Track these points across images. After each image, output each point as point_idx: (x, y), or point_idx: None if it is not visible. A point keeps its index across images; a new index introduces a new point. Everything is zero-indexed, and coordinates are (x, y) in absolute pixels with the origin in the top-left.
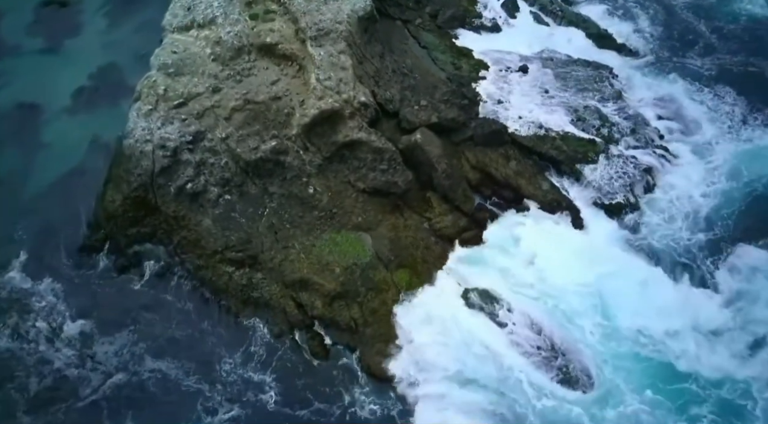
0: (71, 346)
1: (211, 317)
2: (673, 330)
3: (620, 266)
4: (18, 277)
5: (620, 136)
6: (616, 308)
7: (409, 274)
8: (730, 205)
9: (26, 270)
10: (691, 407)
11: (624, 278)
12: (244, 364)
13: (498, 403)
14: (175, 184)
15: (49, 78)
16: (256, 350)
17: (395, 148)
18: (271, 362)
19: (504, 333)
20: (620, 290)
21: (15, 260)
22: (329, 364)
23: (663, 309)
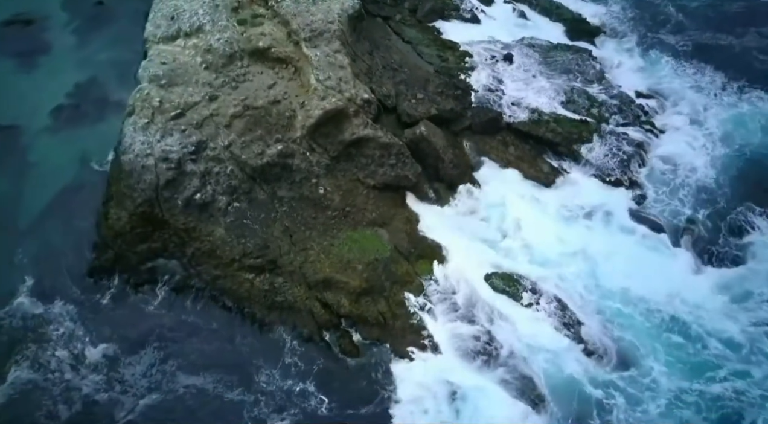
0: (97, 371)
1: (237, 325)
2: (682, 296)
3: (627, 238)
4: (27, 302)
5: (609, 115)
6: (629, 277)
7: (430, 263)
8: (725, 170)
9: (35, 295)
10: (707, 370)
11: (633, 249)
12: (281, 370)
13: (530, 376)
14: (182, 196)
15: (23, 98)
16: (289, 354)
17: (402, 142)
18: (308, 366)
19: (530, 312)
20: (629, 260)
21: (21, 286)
22: (363, 361)
23: (669, 276)
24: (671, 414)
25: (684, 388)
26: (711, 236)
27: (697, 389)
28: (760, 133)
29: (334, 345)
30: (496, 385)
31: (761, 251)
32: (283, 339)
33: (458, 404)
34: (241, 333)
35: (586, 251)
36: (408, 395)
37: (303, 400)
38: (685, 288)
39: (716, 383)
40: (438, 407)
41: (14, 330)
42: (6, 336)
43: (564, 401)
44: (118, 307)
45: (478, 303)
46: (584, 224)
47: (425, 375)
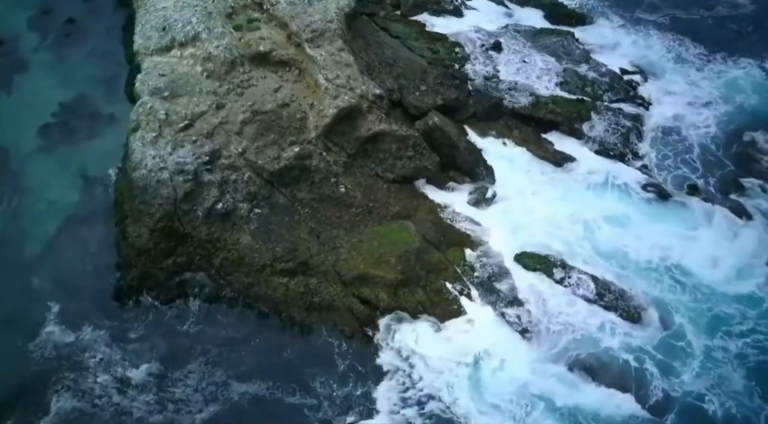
0: (146, 391)
1: (278, 330)
2: (697, 256)
3: (640, 206)
4: (57, 331)
5: (602, 93)
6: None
7: (461, 250)
8: (722, 134)
9: (63, 323)
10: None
11: (645, 216)
12: (329, 368)
13: (573, 348)
14: (202, 207)
15: (5, 120)
16: (334, 352)
17: (417, 134)
18: (354, 362)
19: (563, 287)
20: (643, 226)
21: (47, 314)
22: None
23: (681, 239)
24: (706, 371)
25: (712, 345)
26: (714, 198)
27: (722, 346)
28: (755, 95)
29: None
30: (542, 361)
31: (762, 209)
32: (326, 339)
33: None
34: (283, 337)
35: (603, 222)
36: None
37: (363, 400)
38: (698, 249)
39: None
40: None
41: (48, 360)
42: (40, 367)
43: (607, 369)
44: (152, 325)
45: (514, 283)
46: (599, 197)
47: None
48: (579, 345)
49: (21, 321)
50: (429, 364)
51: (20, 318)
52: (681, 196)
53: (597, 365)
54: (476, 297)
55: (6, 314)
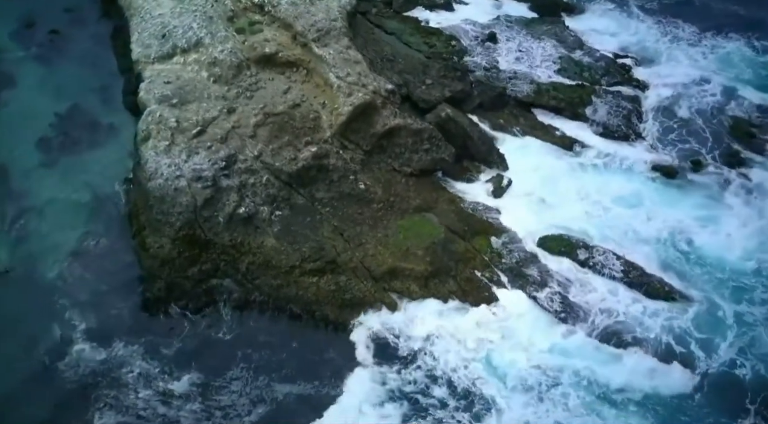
0: (191, 400)
1: (312, 328)
2: (710, 228)
3: (650, 184)
4: (87, 348)
5: (599, 77)
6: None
7: (486, 238)
8: (719, 109)
9: (92, 341)
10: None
11: (657, 192)
12: (376, 363)
13: (610, 326)
14: (223, 212)
15: (1, 136)
16: (373, 347)
17: (432, 126)
18: (400, 356)
19: (588, 267)
20: (656, 202)
21: (74, 333)
22: None
23: (695, 212)
24: (737, 337)
25: (740, 311)
26: (718, 172)
27: (749, 311)
28: (748, 70)
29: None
30: (583, 339)
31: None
32: (362, 334)
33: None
34: (318, 336)
35: (617, 202)
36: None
37: (420, 393)
38: (711, 223)
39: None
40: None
41: (83, 379)
42: (75, 385)
43: (641, 342)
44: (186, 335)
45: (541, 267)
46: (610, 178)
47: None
48: (610, 321)
49: (47, 342)
50: (463, 347)
51: (46, 339)
52: (687, 172)
53: (631, 340)
54: (506, 283)
55: (31, 335)
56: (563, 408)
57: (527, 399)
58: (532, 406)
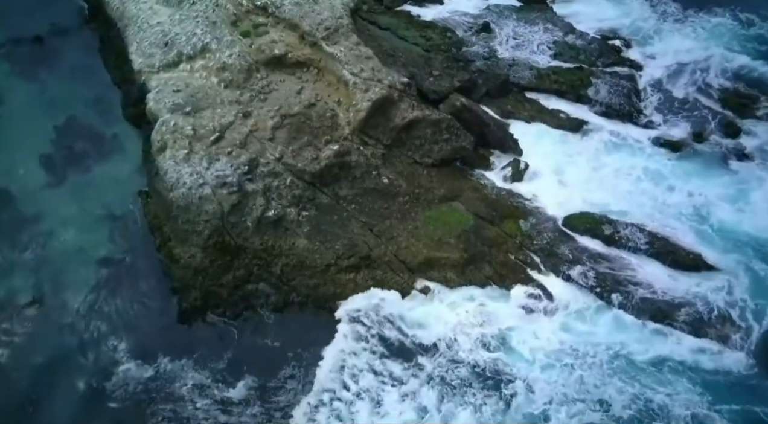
0: (250, 405)
1: None
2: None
3: (658, 159)
4: (133, 367)
5: (595, 59)
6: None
7: (515, 222)
8: (714, 81)
9: (136, 358)
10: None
11: (665, 166)
12: (427, 353)
13: (645, 296)
14: (251, 217)
15: (2, 157)
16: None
17: (450, 116)
18: (436, 343)
19: (615, 242)
20: (665, 176)
21: (115, 354)
22: None
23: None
24: None
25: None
26: (718, 142)
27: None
28: (734, 43)
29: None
30: (617, 313)
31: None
32: None
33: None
34: None
35: (630, 178)
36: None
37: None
38: (722, 191)
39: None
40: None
41: (134, 396)
42: (128, 403)
43: (677, 314)
44: (230, 342)
45: (571, 245)
46: (619, 156)
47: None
48: (643, 294)
49: (90, 366)
50: (504, 327)
51: (88, 363)
52: (691, 144)
53: (664, 310)
54: (540, 263)
55: (72, 362)
56: (599, 380)
57: (564, 373)
58: (566, 379)
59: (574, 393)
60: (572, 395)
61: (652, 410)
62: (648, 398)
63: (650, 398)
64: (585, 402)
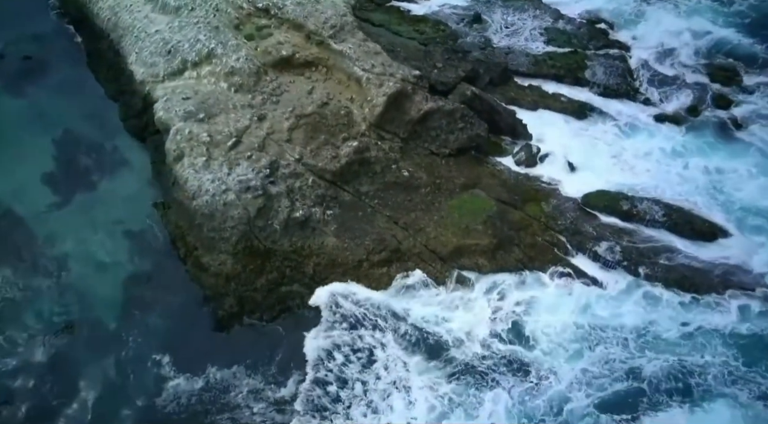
0: (306, 402)
1: None
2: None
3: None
4: (181, 381)
5: (586, 42)
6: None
7: (537, 204)
8: (697, 59)
9: (183, 372)
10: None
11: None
12: (459, 342)
13: (667, 264)
14: (278, 219)
15: (4, 178)
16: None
17: (463, 105)
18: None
19: (633, 215)
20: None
21: (160, 370)
22: None
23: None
24: None
25: None
26: (714, 114)
27: None
28: (719, 19)
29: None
30: (650, 285)
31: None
32: None
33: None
34: None
35: (639, 156)
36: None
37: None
38: (730, 161)
39: None
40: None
41: (189, 408)
42: (184, 416)
43: (699, 283)
44: (273, 345)
45: (593, 222)
46: (625, 135)
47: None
48: (667, 265)
49: (138, 386)
50: (535, 309)
51: (135, 383)
52: (688, 119)
53: (693, 279)
54: (566, 243)
55: (118, 384)
56: (630, 352)
57: (596, 348)
58: (598, 354)
59: (604, 368)
60: (601, 371)
61: (687, 375)
62: (682, 366)
63: (683, 366)
64: (616, 375)
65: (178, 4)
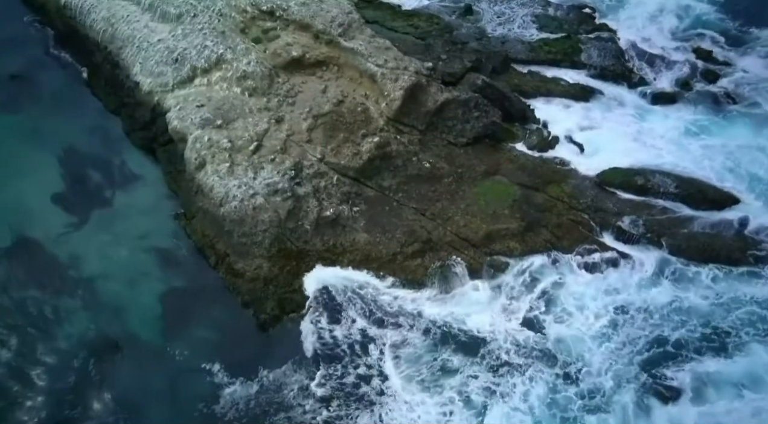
0: (352, 397)
1: None
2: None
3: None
4: (237, 387)
5: (577, 27)
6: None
7: (558, 185)
8: (682, 39)
9: (235, 377)
10: None
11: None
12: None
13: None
14: (308, 219)
15: (13, 205)
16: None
17: (477, 94)
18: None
19: (648, 189)
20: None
21: (212, 378)
22: None
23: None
24: None
25: None
26: (706, 88)
27: None
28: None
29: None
30: (673, 257)
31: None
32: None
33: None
34: None
35: (645, 133)
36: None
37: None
38: (725, 127)
39: None
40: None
41: (248, 413)
42: (244, 420)
43: (719, 250)
44: (317, 339)
45: (614, 198)
46: (629, 113)
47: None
48: (687, 234)
49: (193, 395)
50: (565, 287)
51: (192, 393)
52: (683, 94)
53: (713, 246)
54: (590, 220)
55: (176, 395)
56: (660, 325)
57: (627, 323)
58: (628, 328)
59: (635, 344)
60: (632, 348)
61: (720, 335)
62: (714, 330)
63: (715, 330)
64: (647, 348)
65: (179, 11)
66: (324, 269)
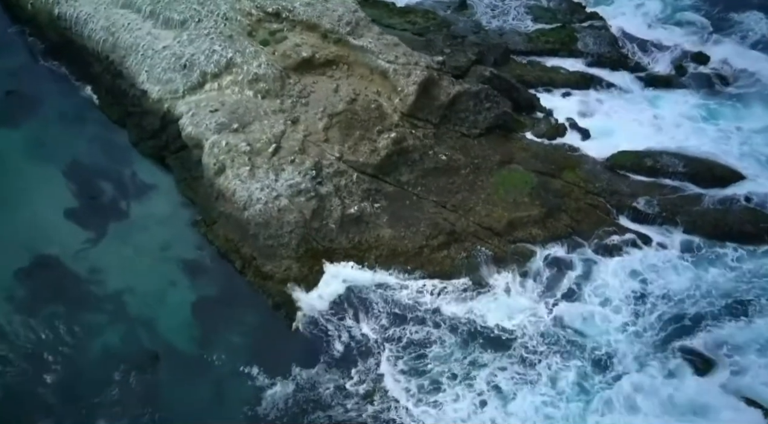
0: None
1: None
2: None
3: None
4: (278, 388)
5: (570, 16)
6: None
7: (573, 171)
8: (669, 25)
9: (275, 378)
10: None
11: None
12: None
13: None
14: (332, 218)
15: (24, 220)
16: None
17: (487, 85)
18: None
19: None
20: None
21: (252, 381)
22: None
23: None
24: None
25: None
26: (700, 70)
27: None
28: None
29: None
30: (689, 235)
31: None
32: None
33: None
34: None
35: (649, 117)
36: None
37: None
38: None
39: None
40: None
41: (289, 412)
42: (286, 420)
43: (729, 224)
44: (349, 336)
45: (627, 181)
46: (632, 98)
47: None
48: (700, 211)
49: (235, 398)
50: (587, 272)
51: (233, 398)
52: (678, 77)
53: (727, 221)
54: (607, 203)
55: (216, 401)
56: (683, 305)
57: (651, 306)
58: (652, 310)
59: (660, 327)
60: (657, 331)
61: (742, 304)
62: (735, 302)
63: (737, 301)
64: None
65: (182, 17)
66: (350, 267)
